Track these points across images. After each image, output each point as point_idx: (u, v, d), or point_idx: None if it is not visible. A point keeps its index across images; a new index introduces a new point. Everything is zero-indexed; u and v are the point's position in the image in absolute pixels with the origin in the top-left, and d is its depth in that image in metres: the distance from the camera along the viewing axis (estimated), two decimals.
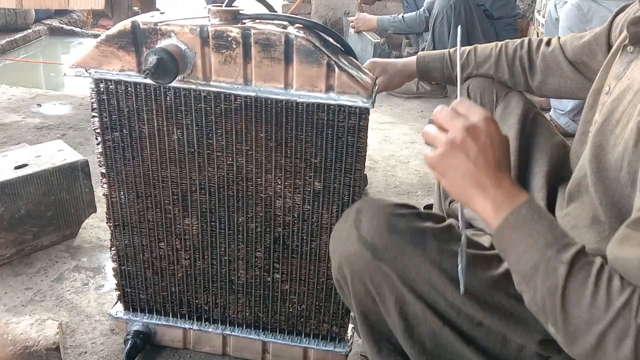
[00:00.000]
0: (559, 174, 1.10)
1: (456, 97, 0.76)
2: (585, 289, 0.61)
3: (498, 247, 0.70)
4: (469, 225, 1.15)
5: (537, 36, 3.63)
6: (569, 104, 2.53)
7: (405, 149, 2.44)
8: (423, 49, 3.29)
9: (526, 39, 1.27)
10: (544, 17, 3.11)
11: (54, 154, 1.58)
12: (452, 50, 1.33)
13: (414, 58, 1.36)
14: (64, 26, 4.65)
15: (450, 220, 0.85)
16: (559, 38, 1.22)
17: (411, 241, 0.79)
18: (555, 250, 0.64)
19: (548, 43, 1.23)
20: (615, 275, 0.61)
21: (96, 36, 0.96)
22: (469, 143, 0.68)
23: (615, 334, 0.59)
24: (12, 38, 4.06)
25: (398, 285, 0.80)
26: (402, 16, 3.13)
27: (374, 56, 3.14)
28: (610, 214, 0.80)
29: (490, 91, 1.23)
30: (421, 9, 3.04)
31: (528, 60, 1.24)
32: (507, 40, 1.28)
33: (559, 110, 2.59)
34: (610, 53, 0.93)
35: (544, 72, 1.22)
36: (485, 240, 0.93)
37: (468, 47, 1.31)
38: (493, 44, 1.30)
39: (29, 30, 4.30)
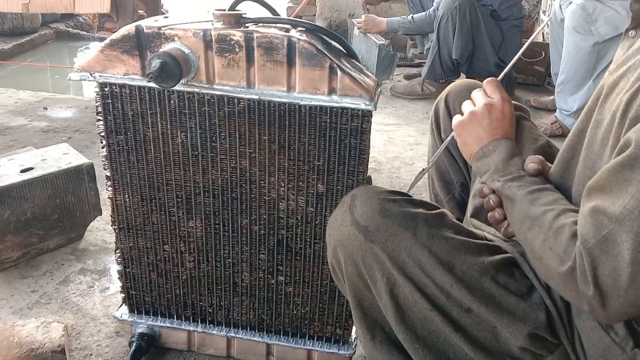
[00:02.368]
0: None
1: None
2: (516, 202, 0.79)
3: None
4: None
5: (543, 37, 3.62)
6: (574, 105, 2.52)
7: (410, 151, 2.44)
8: (428, 49, 3.28)
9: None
10: (549, 17, 3.10)
11: (60, 157, 1.59)
12: None
13: None
14: (70, 30, 4.68)
15: (442, 209, 0.89)
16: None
17: (402, 224, 0.82)
18: (498, 175, 0.84)
19: None
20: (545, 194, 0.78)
21: (102, 39, 0.97)
22: (485, 115, 0.91)
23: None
24: (19, 42, 4.09)
25: (389, 267, 0.83)
26: (412, 17, 3.13)
27: (378, 58, 3.13)
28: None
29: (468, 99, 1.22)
30: (431, 9, 3.03)
31: None
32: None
33: (564, 111, 2.58)
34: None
35: None
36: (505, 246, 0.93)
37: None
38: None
39: (36, 34, 4.34)
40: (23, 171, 1.50)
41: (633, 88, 0.69)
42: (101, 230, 1.72)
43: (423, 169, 1.07)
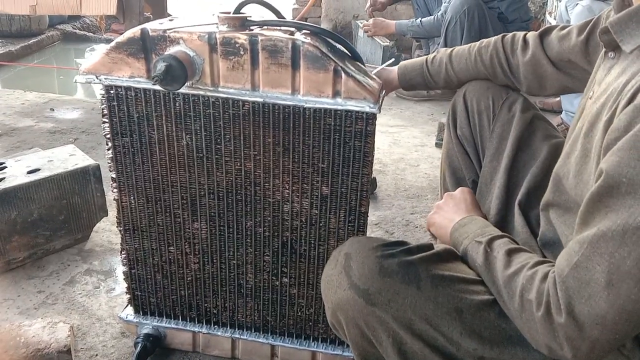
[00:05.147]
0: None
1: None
2: (495, 261, 0.80)
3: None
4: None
5: None
6: None
7: (415, 152, 2.44)
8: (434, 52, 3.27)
9: (499, 43, 1.23)
10: (555, 19, 3.09)
11: (66, 158, 1.60)
12: (430, 58, 1.31)
13: (395, 70, 1.34)
14: (77, 31, 4.71)
15: (440, 246, 0.88)
16: (540, 37, 1.18)
17: (404, 280, 0.79)
18: (480, 237, 0.87)
19: (525, 47, 1.19)
20: (518, 254, 0.79)
21: (109, 41, 0.98)
22: (448, 202, 1.09)
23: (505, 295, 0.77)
24: (26, 43, 4.11)
25: (394, 327, 0.80)
26: (420, 20, 3.12)
27: (383, 60, 3.13)
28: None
29: (485, 97, 1.22)
30: (439, 13, 3.03)
31: (510, 72, 1.21)
32: (481, 48, 1.25)
33: (570, 113, 2.57)
34: (598, 58, 0.92)
35: (530, 81, 1.20)
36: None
37: (443, 57, 1.29)
38: (466, 51, 1.27)
39: (43, 36, 4.36)
40: (30, 172, 1.51)
41: (607, 116, 0.70)
42: (107, 231, 1.73)
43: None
